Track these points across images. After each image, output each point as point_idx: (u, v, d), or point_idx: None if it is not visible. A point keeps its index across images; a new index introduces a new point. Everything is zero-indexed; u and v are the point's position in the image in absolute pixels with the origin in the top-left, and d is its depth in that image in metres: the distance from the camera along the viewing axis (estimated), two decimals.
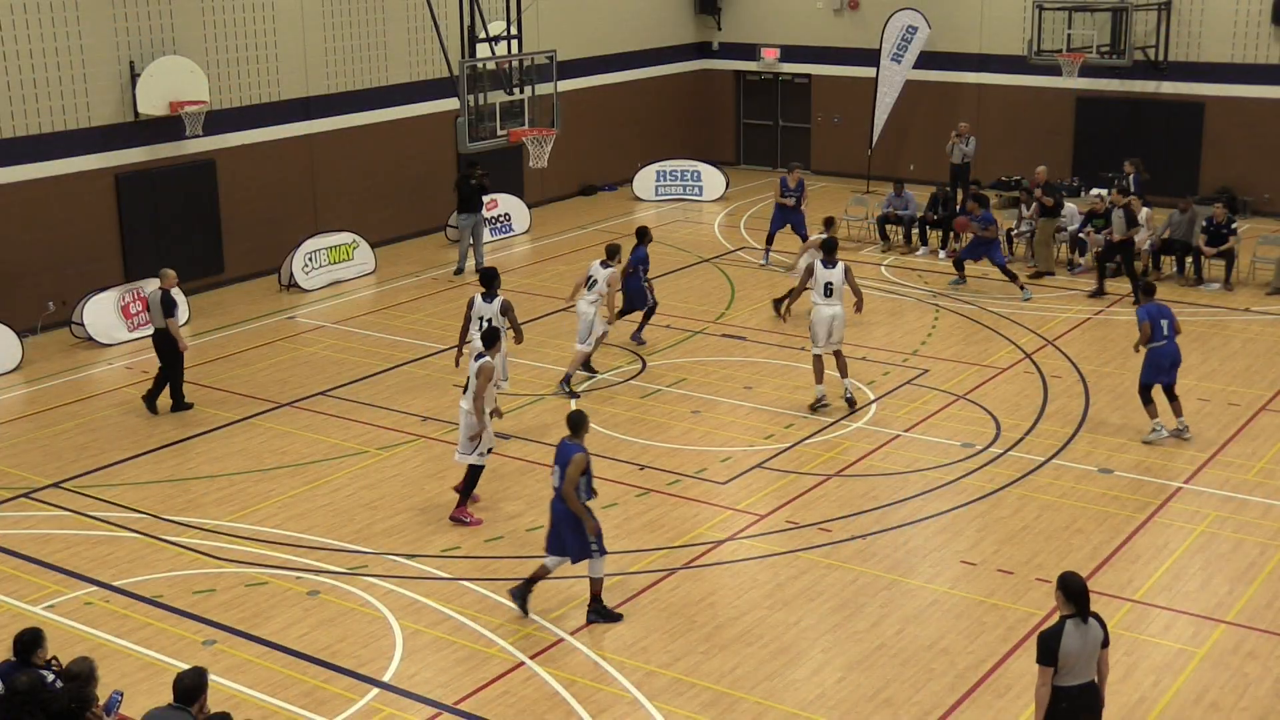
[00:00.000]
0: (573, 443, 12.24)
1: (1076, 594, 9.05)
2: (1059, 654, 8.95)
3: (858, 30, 30.99)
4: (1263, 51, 26.90)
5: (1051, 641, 8.98)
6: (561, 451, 12.23)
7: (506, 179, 27.57)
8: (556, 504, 12.30)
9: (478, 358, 14.40)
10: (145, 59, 21.89)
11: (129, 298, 21.09)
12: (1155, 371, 16.24)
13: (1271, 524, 14.24)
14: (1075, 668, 9.02)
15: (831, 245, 17.66)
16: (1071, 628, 9.01)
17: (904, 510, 14.71)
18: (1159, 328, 16.13)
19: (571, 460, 12.07)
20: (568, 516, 12.22)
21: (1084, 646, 9.02)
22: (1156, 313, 16.19)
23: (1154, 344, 16.13)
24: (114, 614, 12.84)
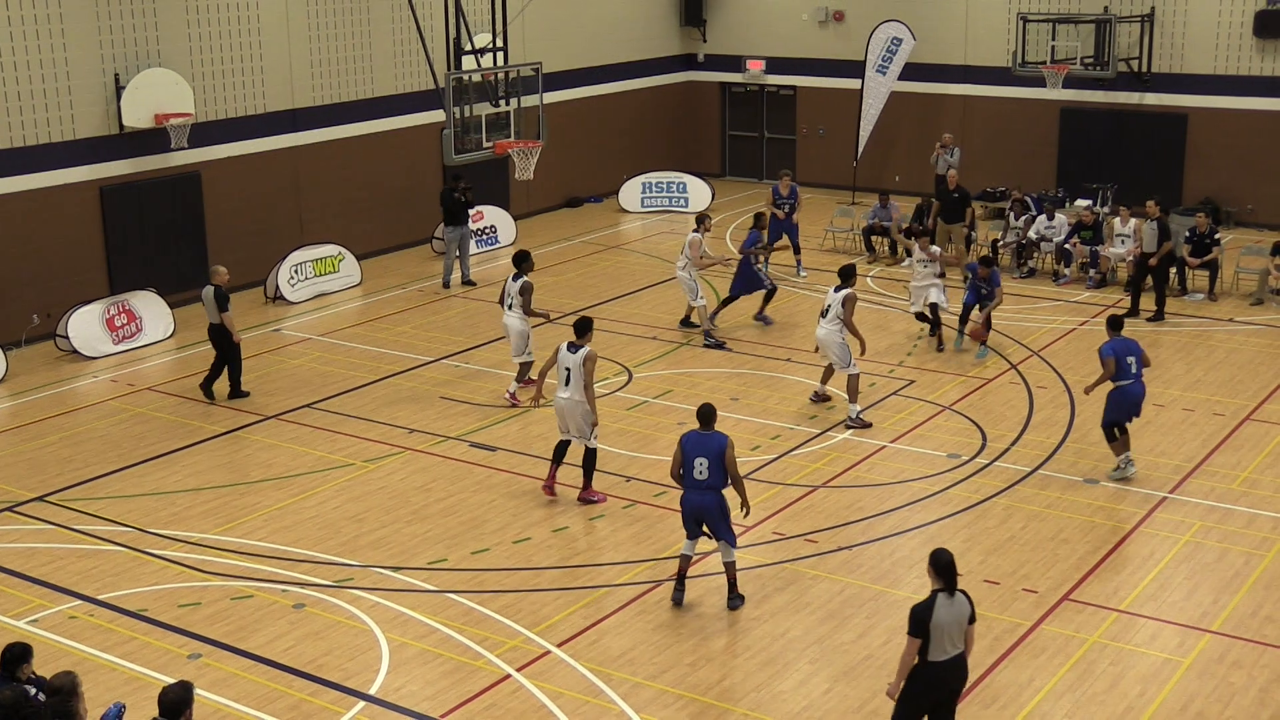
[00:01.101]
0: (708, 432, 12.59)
1: (944, 568, 9.54)
2: (930, 626, 9.41)
3: (843, 42, 31.09)
4: (1245, 63, 27.04)
5: (924, 614, 9.46)
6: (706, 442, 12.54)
7: (492, 191, 27.58)
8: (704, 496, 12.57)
9: (574, 348, 14.84)
10: (130, 71, 21.86)
11: (114, 310, 21.05)
12: (1120, 411, 15.35)
13: (1256, 533, 14.29)
14: (944, 641, 9.51)
15: (845, 271, 17.79)
16: (942, 601, 9.49)
17: (890, 521, 14.72)
18: (1125, 366, 15.19)
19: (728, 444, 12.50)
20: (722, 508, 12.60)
21: (952, 620, 9.51)
22: (1123, 349, 15.22)
23: (1121, 382, 15.20)
24: (98, 628, 12.79)
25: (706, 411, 12.71)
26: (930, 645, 9.47)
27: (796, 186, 24.62)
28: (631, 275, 24.79)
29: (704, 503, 12.54)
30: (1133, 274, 21.99)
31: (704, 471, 12.46)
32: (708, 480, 12.47)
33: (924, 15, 29.83)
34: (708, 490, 12.51)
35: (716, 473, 12.44)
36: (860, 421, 17.22)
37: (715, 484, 12.49)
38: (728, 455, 12.43)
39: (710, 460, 12.43)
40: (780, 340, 20.90)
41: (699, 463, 12.47)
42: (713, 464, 12.42)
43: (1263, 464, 16.06)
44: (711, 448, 12.45)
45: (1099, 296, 22.82)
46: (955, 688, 9.76)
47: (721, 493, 12.56)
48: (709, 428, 12.61)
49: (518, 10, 24.56)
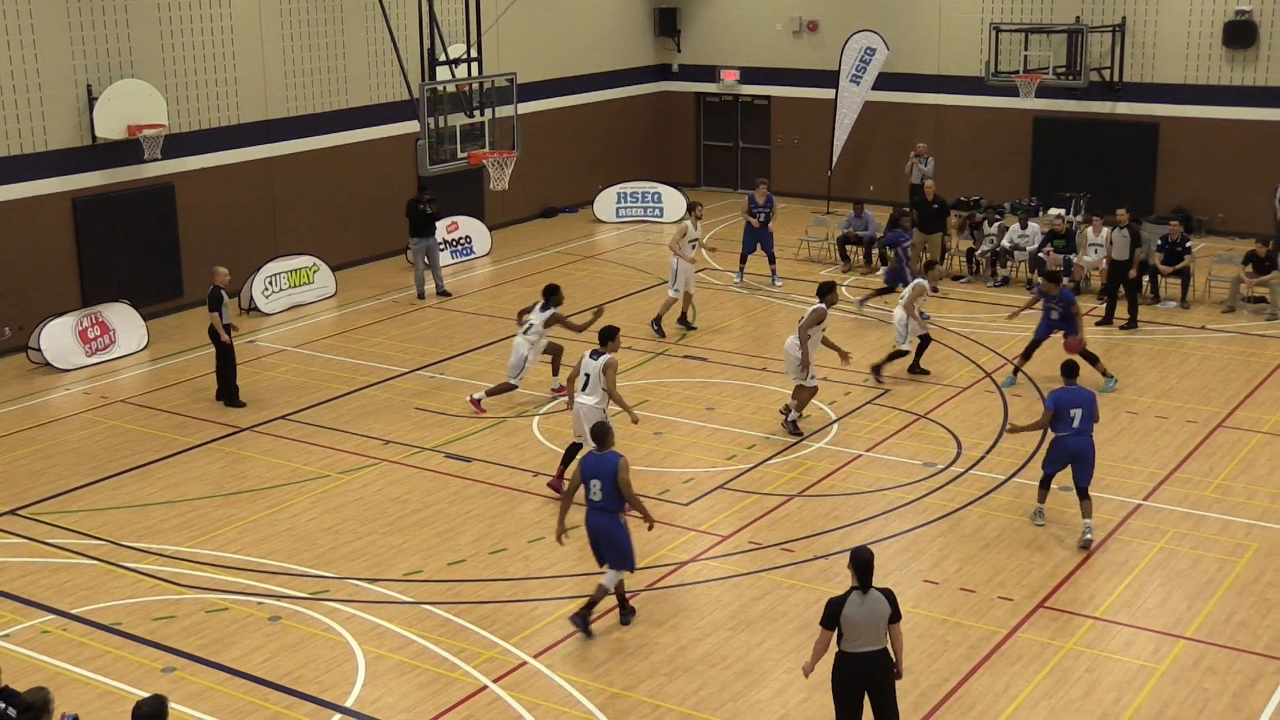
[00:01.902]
0: (602, 453, 12.50)
1: (859, 566, 9.89)
2: (840, 620, 9.82)
3: (817, 52, 31.18)
4: (1215, 73, 27.23)
5: (834, 608, 9.88)
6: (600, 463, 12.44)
7: (467, 201, 27.56)
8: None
9: (596, 355, 15.10)
10: (103, 82, 21.78)
11: (87, 322, 20.95)
12: (1053, 462, 14.51)
13: (1229, 539, 14.37)
14: (858, 636, 9.85)
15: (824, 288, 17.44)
16: (855, 598, 9.85)
17: (866, 530, 14.75)
18: (1066, 417, 14.21)
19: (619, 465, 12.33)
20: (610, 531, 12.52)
21: (866, 616, 9.83)
22: (1069, 400, 14.24)
23: (1060, 433, 14.27)
24: (71, 642, 12.71)
25: (600, 432, 12.60)
26: (844, 638, 9.89)
27: (773, 195, 24.69)
28: (607, 285, 24.79)
29: (597, 523, 12.45)
30: (1105, 282, 22.07)
31: (598, 493, 12.37)
32: (601, 501, 12.37)
33: (897, 25, 29.95)
34: (601, 511, 12.41)
35: (610, 494, 12.32)
36: (793, 426, 17.33)
37: (608, 505, 12.36)
38: (620, 477, 12.26)
39: (603, 481, 12.33)
40: (756, 349, 20.93)
41: (593, 484, 12.37)
42: (605, 485, 12.32)
43: (1235, 471, 16.16)
44: (604, 469, 12.34)
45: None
46: (880, 681, 10.04)
47: (615, 515, 12.40)
48: (604, 448, 12.49)
49: (492, 21, 24.56)
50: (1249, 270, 22.27)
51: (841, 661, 9.98)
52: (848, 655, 9.93)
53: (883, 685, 10.08)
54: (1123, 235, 21.49)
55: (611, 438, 12.67)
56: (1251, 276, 22.18)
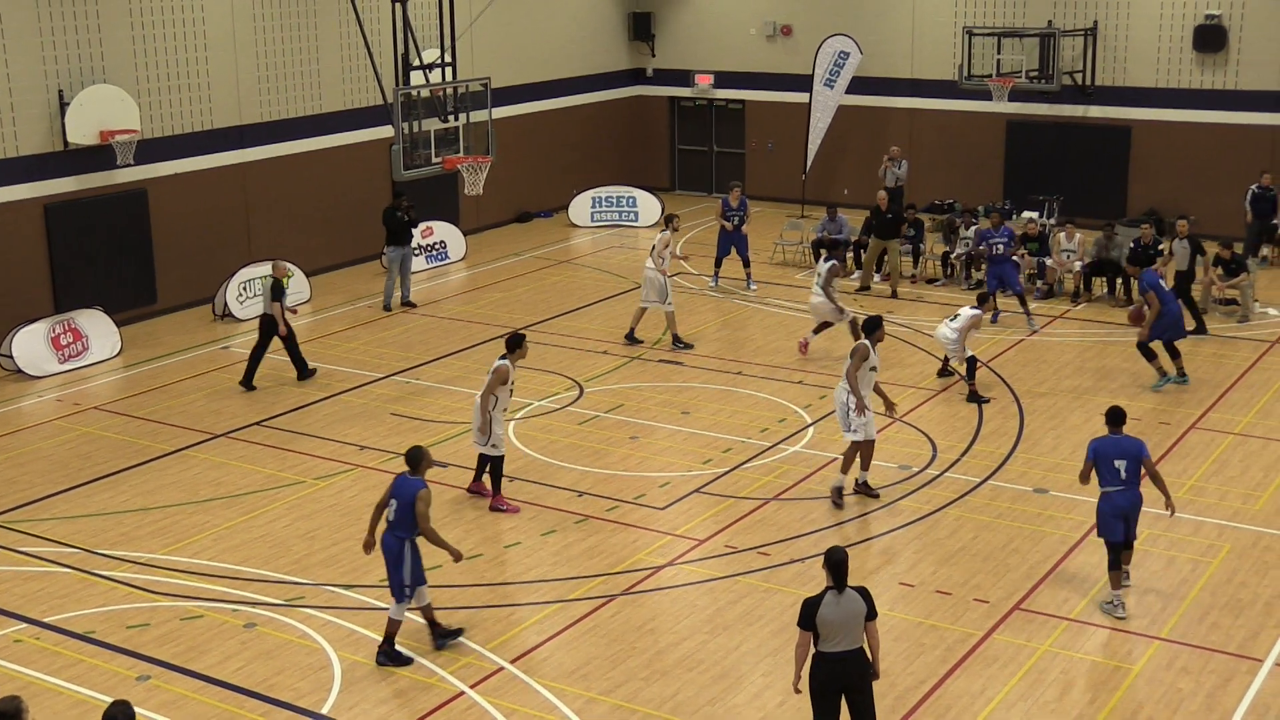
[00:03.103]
0: (412, 476, 12.25)
1: (834, 566, 9.90)
2: (816, 621, 9.82)
3: (790, 56, 31.26)
4: (1185, 76, 27.41)
5: (810, 609, 9.88)
6: (404, 486, 12.20)
7: (442, 206, 27.53)
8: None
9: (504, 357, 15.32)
10: (75, 87, 21.68)
11: (59, 329, 20.83)
12: (1113, 526, 12.84)
13: (1202, 541, 14.45)
14: (835, 635, 9.85)
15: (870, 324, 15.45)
16: (831, 598, 9.85)
17: (842, 533, 14.78)
18: (1110, 470, 12.72)
19: (418, 497, 12.05)
20: (393, 552, 12.19)
21: (842, 616, 9.84)
22: (1113, 449, 12.75)
23: (1108, 489, 12.79)
24: (45, 651, 12.64)
25: (413, 456, 12.34)
26: (821, 638, 9.90)
27: (746, 199, 24.74)
28: (582, 290, 24.79)
29: (386, 543, 12.25)
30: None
31: (393, 514, 12.20)
32: (394, 522, 12.17)
33: (871, 29, 30.05)
34: (390, 532, 12.19)
35: (404, 520, 12.12)
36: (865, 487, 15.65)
37: (399, 529, 12.12)
38: (417, 508, 12.03)
39: (400, 504, 12.14)
40: (731, 354, 20.95)
41: (391, 504, 12.24)
42: (401, 509, 12.13)
43: (1208, 472, 16.25)
44: (405, 494, 12.16)
45: (1046, 307, 23.04)
46: (857, 681, 10.04)
47: (403, 540, 12.11)
48: (416, 473, 12.30)
49: (466, 25, 24.54)
50: (1219, 273, 22.41)
51: (819, 662, 9.99)
52: (825, 656, 9.95)
53: (860, 685, 10.08)
54: (1183, 246, 21.33)
55: (425, 464, 12.34)
56: (1222, 279, 22.33)
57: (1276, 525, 14.80)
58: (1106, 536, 12.90)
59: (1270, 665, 12.04)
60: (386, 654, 12.27)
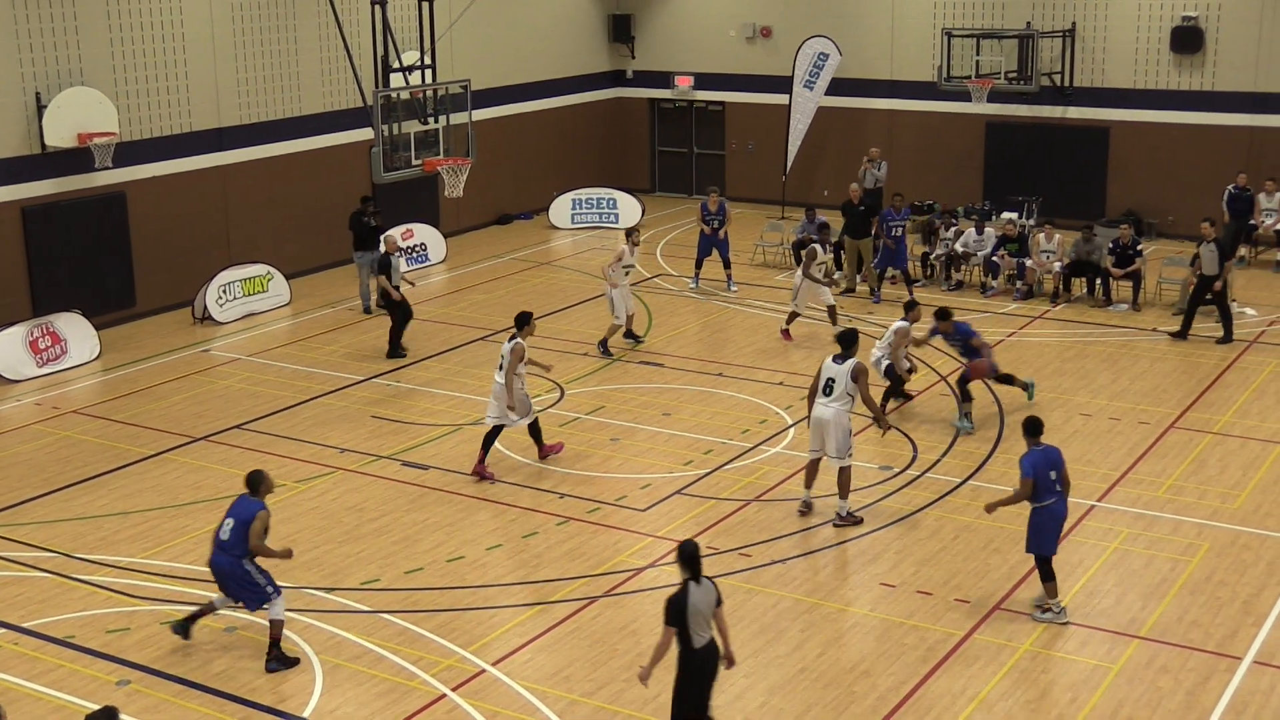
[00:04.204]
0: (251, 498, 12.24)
1: (689, 558, 10.12)
2: (686, 614, 10.00)
3: (770, 58, 31.30)
4: (1163, 78, 27.53)
5: (680, 603, 10.02)
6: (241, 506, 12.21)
7: (422, 208, 27.49)
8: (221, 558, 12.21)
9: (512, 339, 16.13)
10: (52, 90, 21.58)
11: (37, 333, 20.73)
12: (1050, 538, 12.79)
13: (1181, 540, 14.51)
14: (698, 626, 10.10)
15: (844, 337, 14.96)
16: (693, 589, 10.08)
17: (824, 534, 14.80)
18: (1047, 483, 12.65)
19: (256, 517, 12.08)
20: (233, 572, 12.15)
21: (704, 605, 10.09)
22: (1045, 462, 12.65)
23: (1043, 503, 12.65)
24: (24, 656, 12.58)
25: (253, 480, 12.31)
26: (689, 632, 10.07)
27: (725, 202, 24.78)
28: (563, 292, 24.78)
29: (220, 563, 12.21)
30: (1191, 295, 21.37)
31: (227, 533, 12.15)
32: (227, 542, 12.13)
33: (850, 31, 30.11)
34: (224, 552, 12.15)
35: (239, 539, 12.09)
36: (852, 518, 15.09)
37: (232, 549, 12.10)
38: (253, 527, 12.03)
39: (236, 525, 12.11)
40: (712, 355, 20.97)
41: (227, 523, 12.20)
42: (237, 529, 12.09)
43: (1187, 471, 16.32)
44: (243, 514, 12.13)
45: (1026, 308, 23.12)
46: (713, 670, 10.31)
47: (240, 558, 12.08)
48: (255, 495, 12.24)
49: (446, 28, 24.52)
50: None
51: (690, 658, 10.17)
52: (695, 650, 10.14)
53: (715, 674, 10.36)
54: (1210, 249, 20.99)
55: (265, 487, 12.31)
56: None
57: (1255, 524, 14.88)
58: (1045, 551, 12.76)
59: (1249, 663, 12.10)
60: (276, 659, 12.23)
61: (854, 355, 14.80)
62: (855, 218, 24.43)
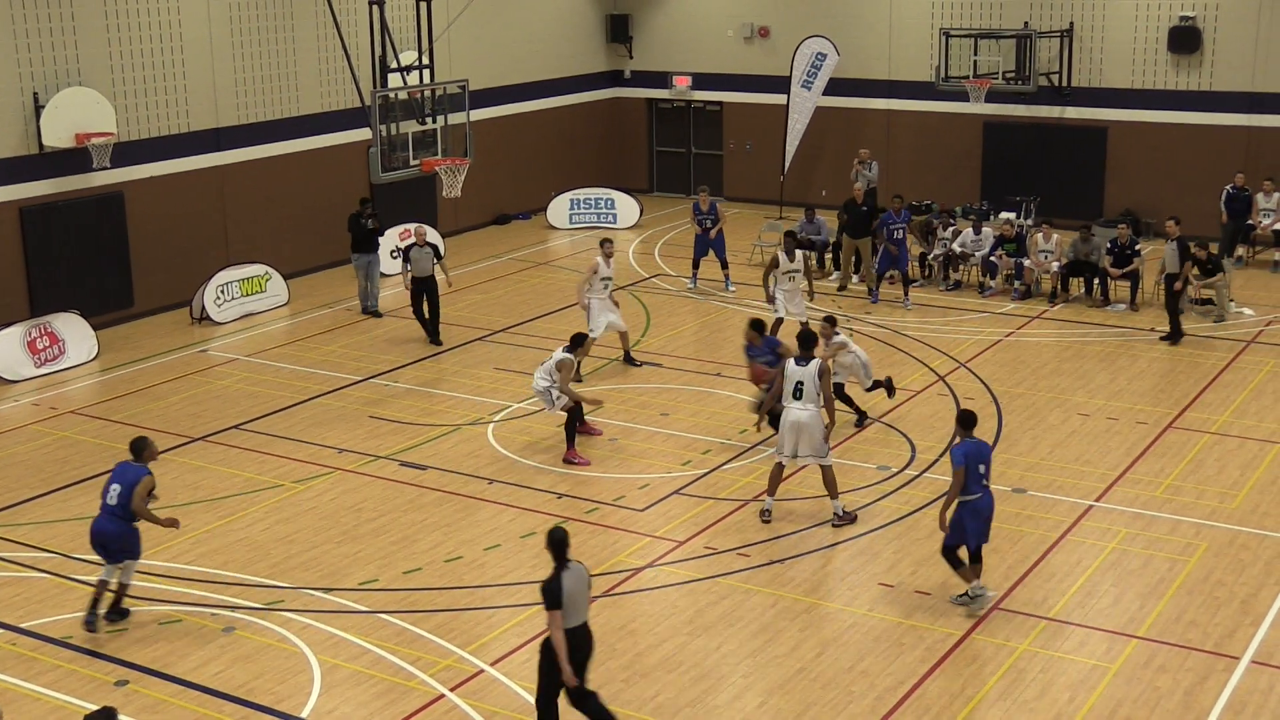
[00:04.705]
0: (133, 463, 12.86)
1: (557, 545, 10.41)
2: (564, 597, 10.27)
3: (768, 58, 31.30)
4: (1160, 78, 27.54)
5: (556, 588, 10.30)
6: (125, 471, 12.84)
7: (420, 209, 27.48)
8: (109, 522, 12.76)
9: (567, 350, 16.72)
10: (50, 90, 21.57)
11: (35, 333, 20.72)
12: (967, 533, 12.81)
13: (1179, 539, 14.52)
14: (574, 610, 10.40)
15: (806, 339, 15.00)
16: (566, 575, 10.35)
17: (821, 534, 14.81)
18: (976, 475, 12.64)
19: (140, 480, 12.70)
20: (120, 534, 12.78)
21: (578, 589, 10.41)
22: (976, 454, 12.66)
23: (969, 496, 12.66)
24: (22, 657, 12.58)
25: (138, 445, 12.95)
26: (567, 616, 10.33)
27: (716, 202, 24.80)
28: (561, 292, 24.77)
29: (105, 528, 12.77)
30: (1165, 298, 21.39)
31: (114, 498, 12.72)
32: (115, 506, 12.72)
33: (848, 31, 30.12)
34: (113, 518, 12.74)
35: (125, 502, 12.67)
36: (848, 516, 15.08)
37: (117, 513, 12.73)
38: (137, 489, 12.65)
39: (123, 490, 12.69)
40: (710, 355, 20.97)
41: (113, 488, 12.74)
42: (123, 494, 12.67)
43: (1185, 471, 16.33)
44: (127, 480, 12.72)
45: (1024, 308, 23.13)
46: (588, 653, 10.63)
47: (124, 522, 12.71)
48: (140, 459, 12.86)
49: (444, 28, 24.51)
50: (1195, 273, 22.52)
51: (570, 641, 10.41)
52: (573, 632, 10.41)
53: (589, 657, 10.66)
54: (1172, 248, 21.08)
55: (148, 453, 12.91)
56: (1198, 279, 22.44)
57: (1253, 524, 14.89)
58: (953, 541, 12.83)
59: (1247, 662, 12.11)
60: (116, 611, 12.94)
61: (815, 355, 14.79)
62: (857, 217, 24.44)
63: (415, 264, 21.69)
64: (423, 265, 21.66)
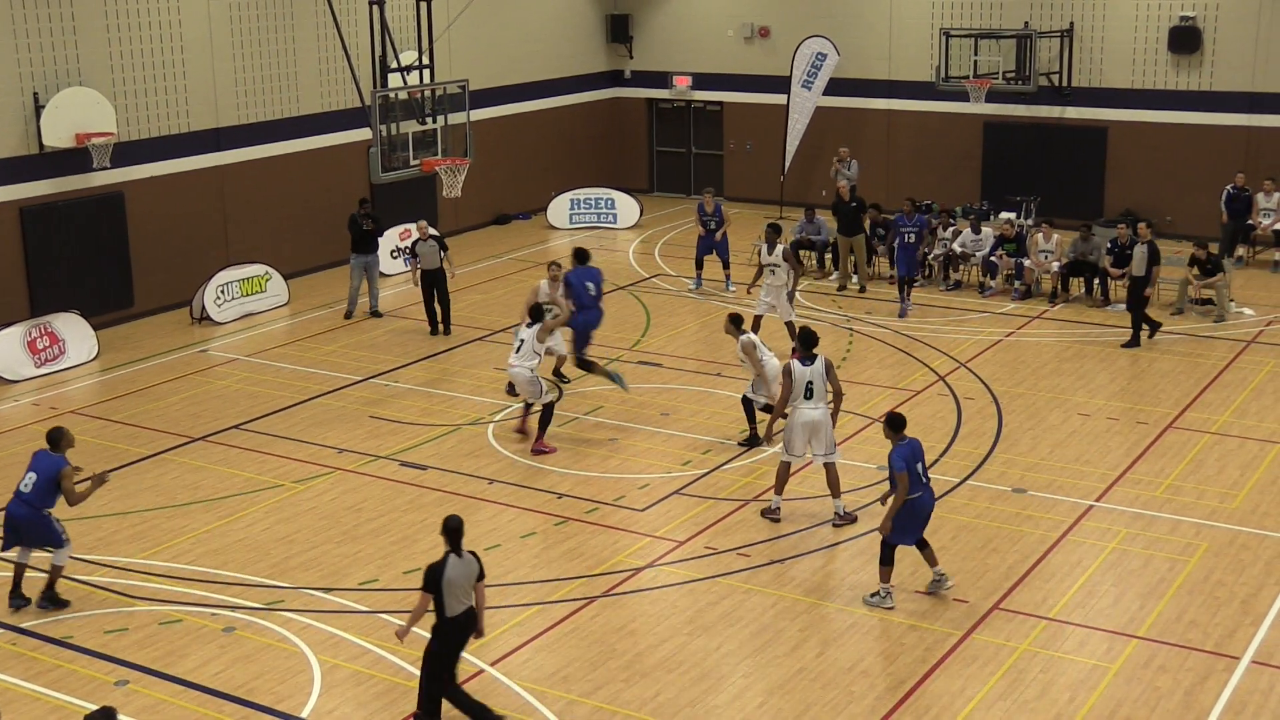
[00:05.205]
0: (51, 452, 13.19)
1: (450, 532, 10.77)
2: (443, 583, 10.65)
3: (768, 58, 31.30)
4: (1161, 78, 27.54)
5: (436, 572, 10.71)
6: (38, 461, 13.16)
7: (420, 209, 27.45)
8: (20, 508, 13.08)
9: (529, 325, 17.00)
10: (50, 90, 21.57)
11: (35, 333, 20.72)
12: (909, 532, 12.99)
13: (1179, 539, 14.52)
14: (456, 596, 10.70)
15: (808, 338, 15.09)
16: (453, 560, 10.71)
17: (822, 534, 14.80)
18: (915, 475, 12.82)
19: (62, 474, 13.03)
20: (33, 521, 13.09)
21: (461, 577, 10.73)
22: (913, 455, 12.85)
23: (910, 495, 12.80)
24: (22, 657, 12.58)
25: (54, 435, 13.22)
26: (445, 601, 10.68)
27: (720, 204, 24.79)
28: None
29: (17, 514, 13.08)
30: (1129, 300, 21.25)
31: (29, 486, 13.02)
32: (29, 495, 13.01)
33: (848, 31, 30.12)
34: (27, 505, 13.02)
35: (42, 492, 12.94)
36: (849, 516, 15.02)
37: (35, 501, 12.99)
38: (61, 482, 12.94)
39: (39, 479, 12.96)
40: (711, 355, 20.97)
41: (29, 476, 13.06)
42: (40, 482, 12.94)
43: (1185, 471, 16.33)
44: (44, 468, 12.97)
45: (1025, 308, 23.13)
46: (466, 637, 10.98)
47: (39, 510, 12.98)
48: (57, 449, 13.13)
49: (444, 28, 24.52)
50: (1195, 273, 22.53)
51: (448, 627, 10.79)
52: (453, 620, 10.76)
53: (466, 641, 11.00)
54: (1142, 250, 20.86)
55: (65, 443, 13.25)
56: (1198, 279, 22.44)
57: (1253, 524, 14.89)
58: (902, 541, 12.97)
59: (1247, 662, 12.11)
60: (48, 599, 13.23)
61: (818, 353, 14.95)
62: (846, 215, 24.44)
63: (423, 257, 21.95)
64: (430, 258, 21.90)
